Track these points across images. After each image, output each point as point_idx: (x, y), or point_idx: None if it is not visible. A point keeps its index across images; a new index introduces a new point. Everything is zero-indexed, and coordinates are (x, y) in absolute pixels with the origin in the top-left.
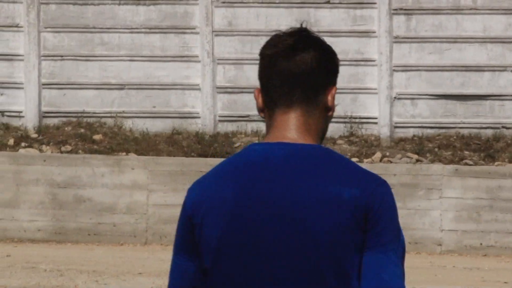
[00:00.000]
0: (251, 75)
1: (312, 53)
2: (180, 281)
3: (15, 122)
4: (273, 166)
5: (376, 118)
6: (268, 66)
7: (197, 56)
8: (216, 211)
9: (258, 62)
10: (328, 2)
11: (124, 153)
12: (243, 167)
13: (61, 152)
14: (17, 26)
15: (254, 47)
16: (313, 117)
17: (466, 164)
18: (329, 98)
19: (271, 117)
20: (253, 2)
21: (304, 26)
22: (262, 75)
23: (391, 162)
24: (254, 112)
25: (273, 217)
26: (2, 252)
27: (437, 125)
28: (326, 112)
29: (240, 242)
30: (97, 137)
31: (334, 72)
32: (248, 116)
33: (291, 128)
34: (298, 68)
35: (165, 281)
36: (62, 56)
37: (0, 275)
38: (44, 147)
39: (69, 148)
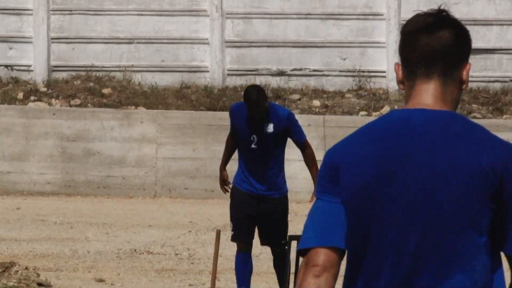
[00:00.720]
0: (259, 29)
1: (451, 31)
2: (326, 221)
3: (24, 76)
4: (414, 128)
5: (384, 72)
6: (409, 42)
7: (205, 11)
8: (360, 163)
9: (267, 16)
10: None
11: (133, 107)
12: (385, 128)
13: (70, 106)
14: None
15: (263, 2)
16: (449, 88)
17: (475, 117)
18: (464, 73)
19: (410, 88)
20: None
21: (442, 8)
22: (403, 51)
23: None
24: (263, 65)
25: (411, 175)
26: (12, 205)
27: None
28: (460, 85)
29: (377, 192)
30: (106, 91)
31: (468, 50)
32: (256, 70)
33: (430, 97)
34: (438, 43)
35: (174, 233)
36: (71, 11)
37: (11, 228)
38: (53, 100)
39: (78, 102)
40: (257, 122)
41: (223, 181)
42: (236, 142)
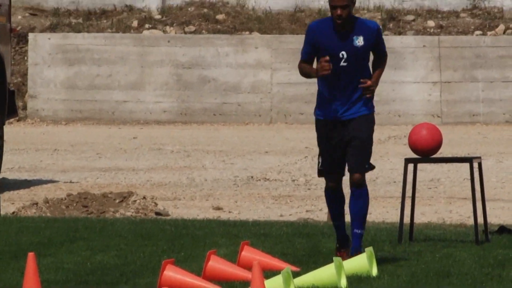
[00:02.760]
0: None
1: None
2: None
3: (138, 4)
4: None
5: None
6: None
7: None
8: None
9: None
10: None
11: (247, 32)
12: None
13: (185, 33)
14: None
15: None
16: None
17: None
18: None
19: None
20: None
21: None
22: None
23: None
24: None
25: None
26: (129, 134)
27: None
28: None
29: None
30: (220, 16)
31: None
32: None
33: None
34: None
35: (291, 159)
36: None
37: (128, 158)
38: (167, 28)
39: (192, 28)
40: (345, 35)
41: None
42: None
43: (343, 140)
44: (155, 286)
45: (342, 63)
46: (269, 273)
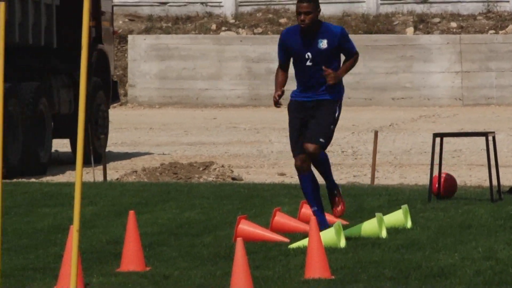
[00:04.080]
0: None
1: None
2: None
3: (216, 11)
4: None
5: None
6: None
7: None
8: None
9: None
10: None
11: None
12: None
13: (254, 34)
14: None
15: None
16: None
17: None
18: None
19: None
20: None
21: None
22: None
23: None
24: None
25: None
26: (210, 116)
27: None
28: None
29: None
30: (282, 20)
31: None
32: None
33: None
34: None
35: (340, 135)
36: None
37: (209, 134)
38: (240, 30)
39: (260, 30)
40: (310, 38)
41: (278, 96)
42: (287, 71)
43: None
44: (231, 237)
45: (307, 63)
46: (330, 225)
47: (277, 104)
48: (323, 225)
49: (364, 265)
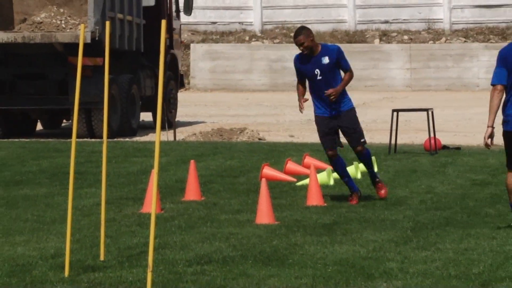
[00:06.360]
0: None
1: None
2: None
3: (248, 28)
4: None
5: None
6: None
7: None
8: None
9: None
10: None
11: None
12: None
13: (274, 43)
14: None
15: None
16: None
17: None
18: None
19: None
20: None
21: None
22: None
23: None
24: None
25: None
26: (244, 97)
27: None
28: None
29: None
30: (292, 34)
31: None
32: None
33: None
34: None
35: None
36: None
37: (244, 109)
38: (264, 40)
39: (278, 40)
40: (315, 58)
41: (302, 104)
42: (304, 85)
43: (335, 128)
44: (258, 178)
45: (318, 77)
46: (320, 170)
47: (301, 110)
48: (354, 189)
49: (345, 196)
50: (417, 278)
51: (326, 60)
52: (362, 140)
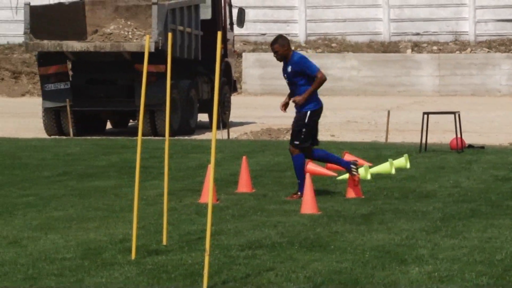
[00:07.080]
0: None
1: None
2: None
3: (294, 38)
4: None
5: None
6: None
7: None
8: None
9: None
10: None
11: (345, 52)
12: None
13: (316, 52)
14: None
15: None
16: None
17: None
18: None
19: None
20: None
21: None
22: None
23: None
24: None
25: None
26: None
27: None
28: None
29: None
30: (333, 45)
31: None
32: None
33: None
34: None
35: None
36: (316, 7)
37: (289, 111)
38: (308, 50)
39: (320, 50)
40: (285, 65)
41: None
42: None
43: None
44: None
45: (286, 81)
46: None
47: (281, 108)
48: (300, 190)
49: (381, 189)
50: (446, 263)
51: (289, 69)
52: (295, 142)
